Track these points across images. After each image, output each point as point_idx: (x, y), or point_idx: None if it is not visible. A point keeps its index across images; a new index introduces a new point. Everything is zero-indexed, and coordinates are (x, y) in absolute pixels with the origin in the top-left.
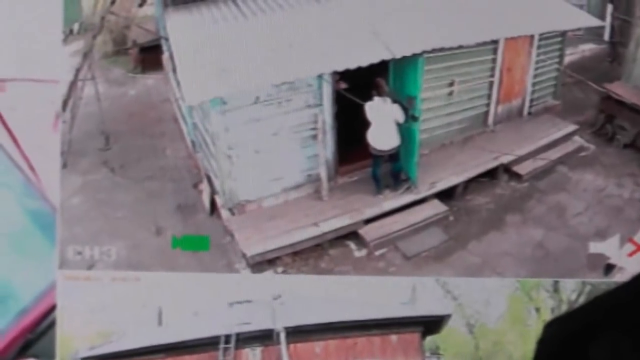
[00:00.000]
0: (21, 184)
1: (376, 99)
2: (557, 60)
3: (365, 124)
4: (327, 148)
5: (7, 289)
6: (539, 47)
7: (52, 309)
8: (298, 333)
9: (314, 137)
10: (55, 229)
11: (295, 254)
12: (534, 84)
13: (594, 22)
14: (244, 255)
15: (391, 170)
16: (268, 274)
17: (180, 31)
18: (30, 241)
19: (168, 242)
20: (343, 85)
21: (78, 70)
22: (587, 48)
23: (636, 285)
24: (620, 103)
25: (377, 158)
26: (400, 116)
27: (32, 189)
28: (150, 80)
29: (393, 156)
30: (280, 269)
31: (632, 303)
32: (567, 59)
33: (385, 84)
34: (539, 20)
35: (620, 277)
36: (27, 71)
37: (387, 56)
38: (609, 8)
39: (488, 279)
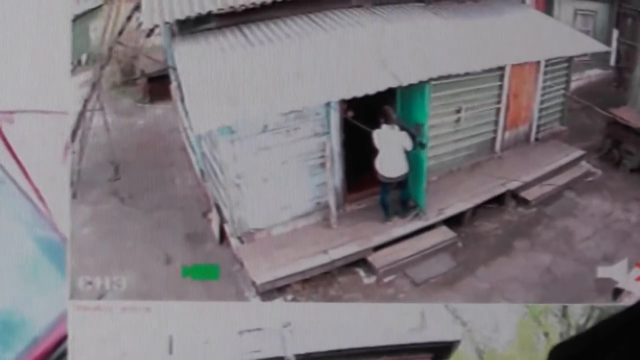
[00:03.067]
0: (31, 215)
1: (384, 126)
2: (563, 86)
3: (373, 152)
4: (335, 176)
5: (18, 319)
6: (545, 73)
7: (63, 339)
8: None
9: (322, 165)
10: (65, 260)
11: (304, 281)
12: (540, 110)
13: (600, 47)
14: (253, 284)
15: (399, 197)
16: (278, 302)
17: (188, 61)
18: (41, 272)
19: (178, 271)
20: (351, 114)
21: (87, 101)
22: (594, 73)
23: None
24: (627, 128)
25: (386, 185)
26: (408, 143)
27: (42, 219)
28: (158, 110)
29: (401, 183)
30: (289, 297)
31: (636, 326)
32: (574, 85)
33: (393, 111)
34: (545, 46)
35: (628, 301)
36: (35, 102)
37: (394, 84)
38: (615, 33)
39: (497, 304)
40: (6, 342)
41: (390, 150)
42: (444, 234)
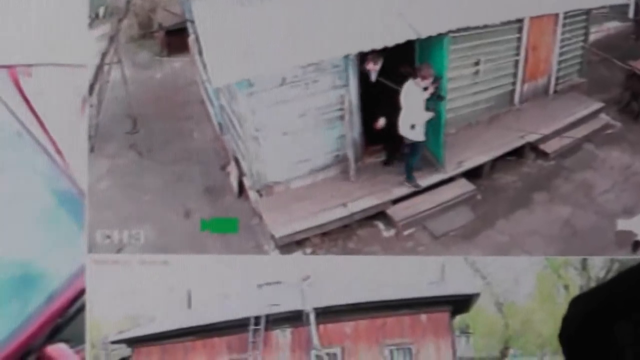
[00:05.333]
0: (49, 168)
1: (411, 81)
2: (582, 38)
3: (394, 108)
4: (353, 129)
5: (37, 272)
6: (564, 25)
7: (81, 293)
8: (327, 314)
9: (341, 118)
10: (84, 213)
11: (323, 234)
12: (559, 62)
13: None
14: (272, 237)
15: (407, 162)
16: (296, 255)
17: (206, 13)
18: (59, 225)
19: (196, 225)
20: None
21: (104, 54)
22: (612, 26)
23: None
24: None
25: (409, 145)
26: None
27: (60, 173)
28: (176, 63)
29: (416, 146)
30: (308, 250)
31: None
32: (592, 37)
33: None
34: None
35: None
36: (53, 56)
37: (413, 36)
38: None
39: (516, 257)
40: (24, 295)
41: (413, 105)
42: (463, 187)
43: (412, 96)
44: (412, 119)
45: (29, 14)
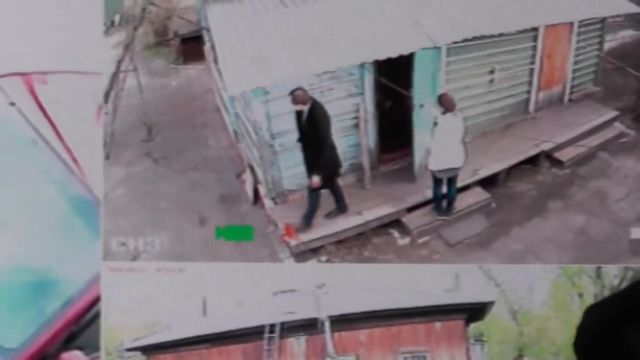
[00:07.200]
0: (64, 176)
1: (447, 115)
2: (597, 46)
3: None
4: (369, 137)
5: (52, 279)
6: (578, 33)
7: (97, 300)
8: (342, 322)
9: (356, 126)
10: (99, 221)
11: (338, 242)
12: (574, 71)
13: (634, 8)
14: (287, 245)
15: (447, 194)
16: (312, 263)
17: (222, 21)
18: (74, 233)
19: (212, 233)
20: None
21: (120, 62)
22: (627, 34)
23: None
24: None
25: (439, 179)
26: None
27: (75, 180)
28: (192, 70)
29: (452, 178)
30: (323, 258)
31: None
32: (607, 46)
33: (451, 97)
34: (579, 7)
35: None
36: (68, 63)
37: (429, 44)
38: None
39: (531, 265)
40: (40, 302)
41: (451, 139)
42: (478, 195)
43: (451, 131)
44: (450, 155)
45: (45, 21)
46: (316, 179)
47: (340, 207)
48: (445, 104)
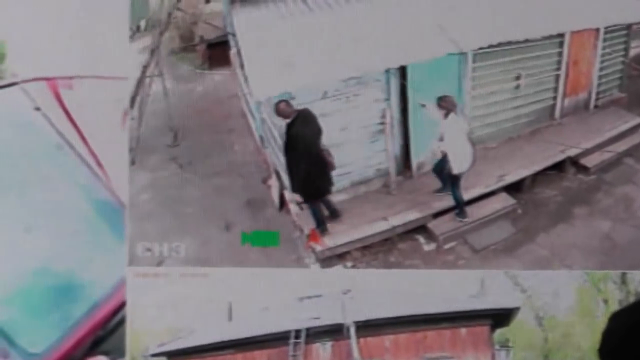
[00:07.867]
0: (90, 181)
1: (451, 116)
2: (622, 53)
3: None
4: (395, 142)
5: (78, 284)
6: (604, 40)
7: (122, 305)
8: (368, 327)
9: (382, 131)
10: (124, 226)
11: (364, 248)
12: (599, 77)
13: None
14: (313, 250)
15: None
16: (337, 269)
17: (248, 27)
18: (99, 238)
19: (237, 238)
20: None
21: (145, 67)
22: None
23: None
24: None
25: (457, 180)
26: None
27: (101, 185)
28: (217, 76)
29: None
30: (349, 264)
31: None
32: (633, 52)
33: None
34: (605, 13)
35: None
36: (94, 68)
37: (454, 50)
38: None
39: (556, 271)
40: (66, 306)
41: (463, 139)
42: (504, 201)
43: (459, 131)
44: (466, 154)
45: (70, 26)
46: (297, 197)
47: (332, 213)
48: (448, 105)
